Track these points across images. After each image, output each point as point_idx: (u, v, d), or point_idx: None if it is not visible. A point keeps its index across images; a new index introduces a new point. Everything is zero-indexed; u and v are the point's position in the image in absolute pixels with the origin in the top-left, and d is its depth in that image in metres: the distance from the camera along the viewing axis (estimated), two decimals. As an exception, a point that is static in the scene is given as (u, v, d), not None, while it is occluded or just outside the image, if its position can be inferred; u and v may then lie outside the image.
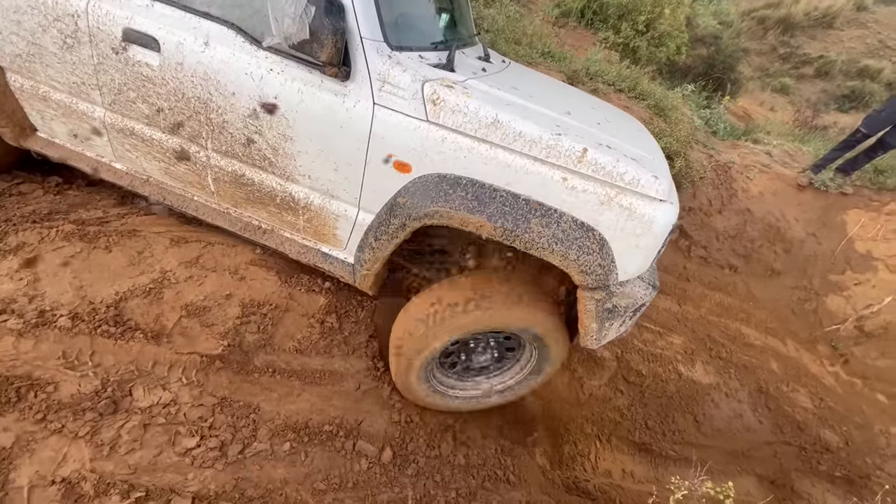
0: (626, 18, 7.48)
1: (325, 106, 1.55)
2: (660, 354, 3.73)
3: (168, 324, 1.69)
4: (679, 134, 4.10)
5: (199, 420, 1.56)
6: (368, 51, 1.50)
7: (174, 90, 1.69)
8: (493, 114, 1.46)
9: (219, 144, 1.76)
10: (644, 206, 1.45)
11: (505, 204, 1.49)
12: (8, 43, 1.86)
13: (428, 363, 1.82)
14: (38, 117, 2.05)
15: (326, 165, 1.67)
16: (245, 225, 1.92)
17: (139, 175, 2.00)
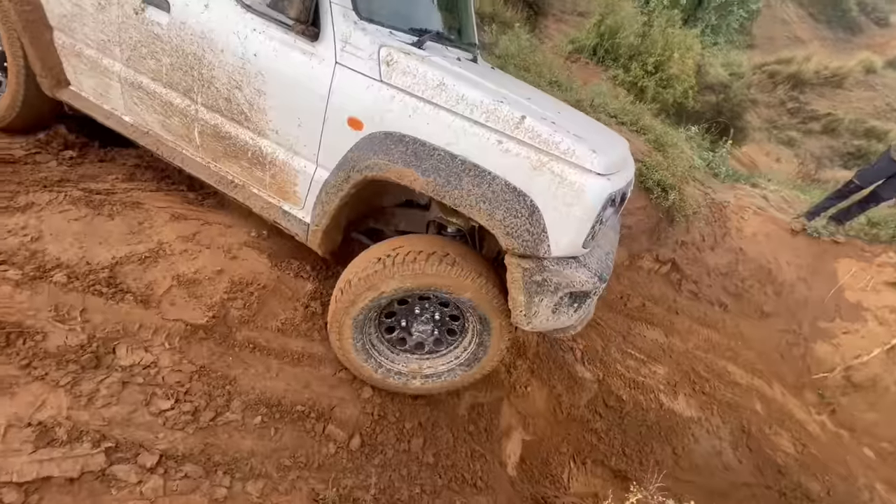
0: (636, 59, 7.76)
1: (294, 63, 1.71)
2: (642, 382, 3.74)
3: (158, 291, 1.76)
4: (675, 168, 4.22)
5: (176, 384, 1.61)
6: (335, 14, 1.65)
7: (176, 47, 1.90)
8: (440, 77, 1.57)
9: (206, 98, 1.94)
10: (576, 175, 1.48)
11: (441, 161, 1.57)
12: (58, 5, 2.15)
13: (369, 311, 1.81)
14: (71, 71, 2.31)
15: (291, 121, 1.80)
16: (221, 178, 2.06)
17: (141, 127, 2.21)
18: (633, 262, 4.56)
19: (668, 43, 7.59)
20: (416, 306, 1.94)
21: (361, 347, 1.92)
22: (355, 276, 1.76)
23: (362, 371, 1.98)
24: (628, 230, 4.39)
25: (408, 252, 1.72)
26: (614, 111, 4.71)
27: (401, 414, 2.12)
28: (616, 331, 3.98)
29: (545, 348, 3.19)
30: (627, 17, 8.30)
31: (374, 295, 1.74)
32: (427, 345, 2.05)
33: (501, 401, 2.78)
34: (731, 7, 9.06)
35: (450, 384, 2.10)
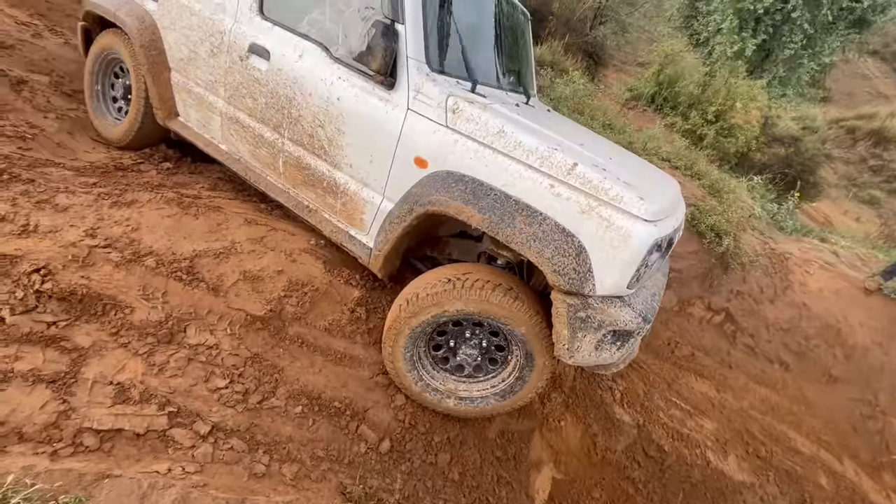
0: (695, 107, 7.71)
1: (371, 107, 1.93)
2: (687, 435, 3.53)
3: (227, 283, 1.98)
4: (731, 215, 4.10)
5: (232, 367, 1.79)
6: (410, 67, 1.86)
7: (272, 90, 2.20)
8: (500, 125, 1.72)
9: (293, 134, 2.21)
10: (623, 220, 1.55)
11: (496, 201, 1.70)
12: (178, 50, 2.58)
13: (426, 325, 1.90)
14: (181, 105, 2.72)
15: (365, 157, 2.01)
16: (298, 203, 2.31)
17: (234, 155, 2.53)
18: (682, 309, 4.39)
19: (730, 93, 7.51)
20: (467, 330, 2.03)
21: (409, 358, 2.01)
22: (423, 291, 1.87)
23: (404, 381, 2.06)
24: (678, 274, 4.26)
25: (476, 279, 1.82)
26: (667, 155, 4.70)
27: (431, 426, 2.17)
28: (661, 377, 3.81)
29: (582, 384, 3.13)
30: (688, 66, 8.34)
31: (438, 311, 1.85)
32: (467, 368, 2.12)
33: (533, 431, 2.74)
34: (801, 60, 8.84)
35: (481, 411, 2.15)
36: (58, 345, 1.57)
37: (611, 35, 13.02)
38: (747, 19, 8.55)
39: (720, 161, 7.85)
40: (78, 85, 3.27)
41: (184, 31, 2.50)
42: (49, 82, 3.12)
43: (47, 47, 3.35)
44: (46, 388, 1.45)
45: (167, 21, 2.58)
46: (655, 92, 8.28)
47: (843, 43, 9.11)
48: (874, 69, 23.13)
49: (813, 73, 9.44)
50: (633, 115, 8.14)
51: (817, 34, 8.48)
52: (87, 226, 1.94)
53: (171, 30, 2.58)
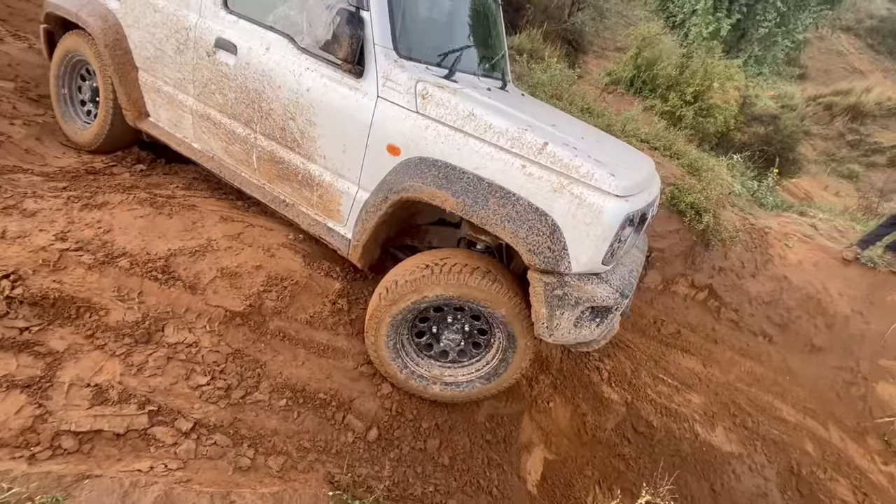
0: (674, 89, 7.77)
1: (341, 97, 1.92)
2: (675, 410, 3.59)
3: (204, 280, 1.97)
4: (710, 192, 4.16)
5: (213, 364, 1.78)
6: (378, 54, 1.85)
7: (241, 84, 2.17)
8: (470, 108, 1.73)
9: (264, 128, 2.18)
10: (594, 197, 1.57)
11: (469, 184, 1.71)
12: (143, 49, 2.53)
13: (408, 312, 1.91)
14: (151, 105, 2.67)
15: (337, 147, 2.00)
16: (274, 198, 2.28)
17: (207, 153, 2.50)
18: (666, 287, 4.45)
19: (707, 73, 7.57)
20: (449, 316, 2.04)
21: (393, 346, 2.02)
22: (402, 279, 1.87)
23: (389, 369, 2.06)
24: (661, 253, 4.32)
25: (454, 263, 1.83)
26: (646, 136, 4.74)
27: (418, 413, 2.19)
28: (647, 355, 3.86)
29: (569, 365, 3.16)
30: (665, 49, 8.39)
31: (417, 298, 1.85)
32: (451, 354, 2.13)
33: (522, 414, 2.77)
34: (776, 38, 8.94)
35: (467, 395, 2.16)
36: (31, 350, 1.55)
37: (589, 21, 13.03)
38: (720, 0, 8.62)
39: (700, 141, 7.92)
40: (44, 90, 3.20)
41: (148, 29, 2.46)
42: (14, 88, 3.05)
43: (10, 52, 3.27)
44: (21, 393, 1.43)
45: (131, 19, 2.53)
46: (634, 75, 8.31)
47: (816, 19, 9.23)
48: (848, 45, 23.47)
49: (788, 50, 9.56)
50: (613, 99, 8.17)
51: (790, 12, 8.58)
52: (56, 229, 1.91)
53: (136, 28, 2.53)
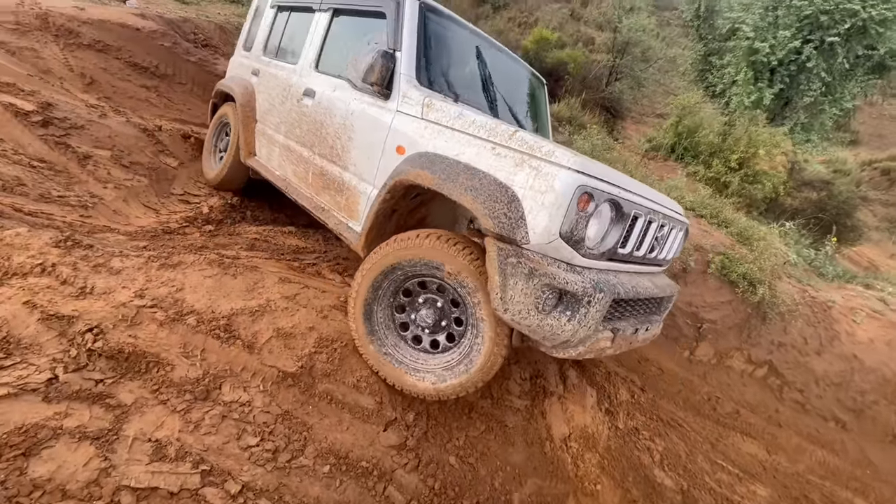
0: (717, 156, 7.75)
1: (372, 115, 2.42)
2: (738, 503, 3.24)
3: (261, 340, 2.06)
4: (763, 262, 4.00)
5: (263, 424, 1.82)
6: (402, 80, 2.33)
7: (312, 118, 2.83)
8: (460, 110, 2.08)
9: (320, 149, 2.76)
10: (550, 168, 1.71)
11: (448, 165, 1.96)
12: (262, 105, 3.45)
13: (380, 284, 2.09)
14: (258, 146, 3.49)
15: (364, 155, 2.44)
16: (317, 206, 2.76)
17: (282, 176, 3.15)
18: (720, 361, 4.18)
19: (752, 140, 7.55)
20: (429, 305, 2.11)
21: (371, 328, 2.14)
22: (374, 256, 2.11)
23: (368, 349, 2.16)
24: (713, 325, 4.11)
25: (418, 235, 2.02)
26: (692, 204, 4.69)
27: (460, 490, 2.10)
28: (703, 437, 3.57)
29: (617, 443, 2.97)
30: (706, 117, 8.49)
31: (383, 266, 2.05)
32: (424, 337, 2.16)
33: (567, 496, 2.59)
34: (822, 106, 8.87)
35: (445, 385, 2.05)
36: (103, 402, 1.65)
37: (627, 90, 13.49)
38: (762, 70, 8.75)
39: (748, 208, 7.74)
40: (136, 157, 3.62)
41: (268, 91, 3.37)
42: (110, 156, 3.47)
43: (111, 126, 3.75)
44: (91, 444, 1.51)
45: (261, 87, 3.50)
46: (675, 142, 8.40)
47: (864, 88, 9.13)
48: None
49: (836, 118, 9.41)
50: (654, 166, 8.22)
51: (835, 81, 8.55)
52: (136, 287, 2.09)
53: (262, 92, 3.47)
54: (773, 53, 8.38)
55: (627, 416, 3.25)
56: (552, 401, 2.80)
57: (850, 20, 7.82)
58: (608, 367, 3.81)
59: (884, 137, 20.72)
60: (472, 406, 2.39)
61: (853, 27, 7.87)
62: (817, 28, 8.08)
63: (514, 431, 2.46)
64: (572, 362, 3.21)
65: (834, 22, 7.88)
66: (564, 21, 18.81)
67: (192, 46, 5.62)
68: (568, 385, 3.00)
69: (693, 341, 4.15)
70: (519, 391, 2.66)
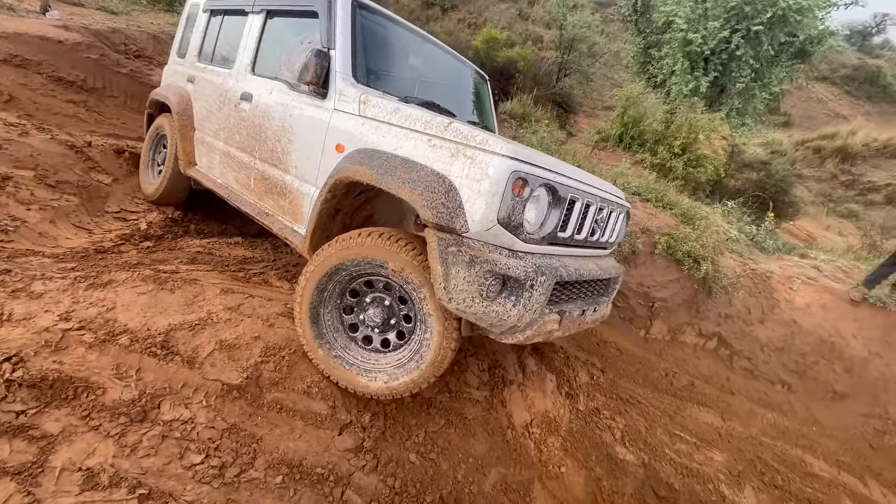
0: (662, 143, 8.08)
1: (310, 115, 2.39)
2: (698, 470, 3.38)
3: (202, 354, 1.97)
4: (705, 240, 4.20)
5: (208, 440, 1.74)
6: (338, 78, 2.31)
7: (251, 122, 2.77)
8: (396, 105, 2.08)
9: (261, 153, 2.71)
10: (484, 156, 1.72)
11: (386, 160, 1.95)
12: (199, 112, 3.34)
13: (325, 284, 2.06)
14: (198, 155, 3.39)
15: (304, 156, 2.40)
16: (261, 211, 2.71)
17: (225, 184, 3.07)
18: (674, 337, 4.36)
19: (692, 127, 7.92)
20: (386, 300, 2.08)
21: (318, 329, 2.10)
22: (320, 255, 2.06)
23: (317, 353, 2.11)
24: (664, 303, 4.28)
25: (359, 234, 2.01)
26: (637, 189, 4.88)
27: (421, 486, 2.09)
28: (661, 410, 3.71)
29: (579, 424, 3.04)
30: (650, 107, 8.85)
31: (327, 267, 2.01)
32: (374, 337, 2.13)
33: (532, 482, 2.62)
34: (753, 91, 9.42)
35: (397, 383, 2.04)
36: (26, 434, 1.53)
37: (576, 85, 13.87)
38: (696, 60, 9.20)
39: (694, 190, 8.12)
40: (62, 176, 3.41)
41: (205, 98, 3.28)
42: (33, 176, 3.25)
43: (33, 144, 3.52)
44: (11, 480, 1.40)
45: (197, 94, 3.40)
46: (622, 132, 8.71)
47: (789, 72, 9.76)
48: (827, 93, 24.63)
49: (766, 101, 10.02)
50: (604, 156, 8.50)
51: (763, 67, 9.10)
52: (61, 310, 1.96)
53: (198, 99, 3.37)
54: (705, 43, 8.84)
55: (588, 398, 3.33)
56: (512, 389, 2.83)
57: (771, 9, 8.35)
58: (568, 352, 3.90)
59: (813, 118, 22.28)
60: (430, 402, 2.39)
61: (774, 16, 8.40)
62: (743, 18, 8.58)
63: (474, 423, 2.48)
64: (531, 350, 3.27)
65: (757, 12, 8.39)
66: (513, 21, 19.16)
67: (123, 58, 5.36)
68: (527, 372, 3.04)
69: (647, 320, 4.31)
70: (478, 382, 2.68)
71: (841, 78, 24.73)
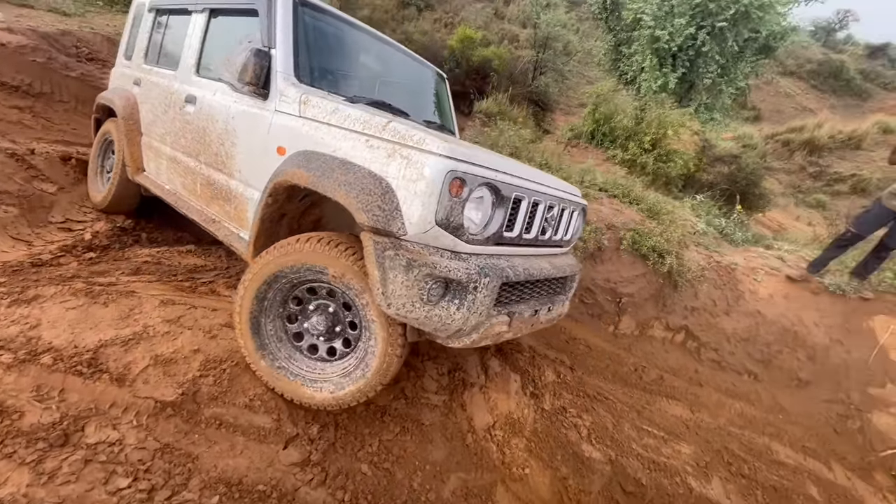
0: (632, 139, 8.16)
1: (252, 116, 2.31)
2: (665, 464, 3.39)
3: (135, 370, 1.87)
4: (670, 234, 4.23)
5: (137, 462, 1.65)
6: (278, 78, 2.23)
7: (195, 126, 2.67)
8: (336, 106, 1.99)
9: (205, 157, 2.62)
10: (420, 156, 1.67)
11: (324, 162, 1.89)
12: (146, 116, 3.20)
13: (263, 294, 1.97)
14: (146, 160, 3.25)
15: (248, 160, 2.33)
16: (207, 217, 2.63)
17: (172, 190, 2.96)
18: (643, 332, 4.39)
19: (661, 122, 8.02)
20: (330, 306, 2.00)
21: (260, 344, 2.01)
22: (258, 263, 1.97)
23: (260, 365, 2.02)
24: (631, 298, 4.30)
25: (298, 239, 1.93)
26: (604, 185, 4.89)
27: (374, 497, 2.03)
28: (629, 406, 3.71)
29: (543, 424, 3.01)
30: (621, 103, 8.93)
31: (265, 275, 1.93)
32: (320, 345, 2.06)
33: (495, 485, 2.58)
34: (720, 87, 9.60)
35: (342, 393, 1.97)
36: (-72, 468, 1.42)
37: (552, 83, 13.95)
38: (665, 57, 9.32)
39: (667, 185, 8.22)
40: (0, 186, 3.24)
41: (151, 101, 3.16)
42: (-32, 187, 3.08)
43: (-31, 154, 3.34)
44: None
45: (144, 97, 3.27)
46: (594, 129, 8.77)
47: (754, 68, 9.97)
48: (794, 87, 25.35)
49: (734, 96, 10.22)
50: (577, 153, 8.54)
51: (729, 63, 9.27)
52: (-22, 329, 1.84)
53: (145, 103, 3.24)
54: (672, 40, 8.96)
55: (554, 397, 3.30)
56: (473, 392, 2.78)
57: (735, 6, 8.50)
58: (537, 350, 3.88)
59: (782, 112, 22.91)
60: (384, 409, 2.32)
61: (737, 12, 8.56)
62: (707, 15, 8.72)
63: (432, 429, 2.42)
64: (494, 351, 3.23)
65: (721, 8, 8.54)
66: (489, 20, 19.18)
67: (74, 61, 5.15)
68: (490, 374, 3.00)
69: (615, 316, 4.32)
70: (436, 387, 2.62)
71: (807, 73, 25.50)
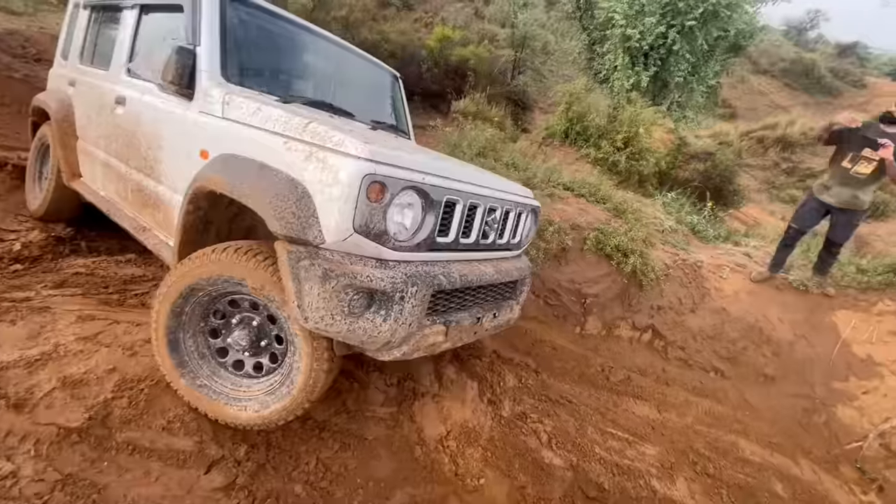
0: (605, 137, 8.17)
1: (177, 118, 2.20)
2: (629, 466, 3.33)
3: (38, 394, 1.73)
4: (635, 233, 4.20)
5: (34, 496, 1.51)
6: (203, 77, 2.11)
7: (125, 129, 2.54)
8: (258, 106, 1.87)
9: (135, 162, 2.48)
10: (336, 159, 1.56)
11: (241, 166, 1.79)
12: (81, 119, 3.04)
13: (180, 309, 1.86)
14: (82, 166, 3.08)
15: (173, 164, 2.22)
16: (138, 226, 2.50)
17: (106, 197, 2.81)
18: (609, 332, 4.34)
19: (633, 121, 8.03)
20: (255, 320, 1.91)
21: (179, 361, 1.88)
22: (173, 275, 1.86)
23: (179, 384, 1.89)
24: (596, 298, 4.25)
25: (213, 250, 1.81)
26: (570, 184, 4.85)
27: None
28: (594, 408, 3.65)
29: (501, 432, 2.93)
30: (594, 102, 8.93)
31: (180, 287, 1.82)
32: (245, 361, 1.94)
33: (447, 498, 2.49)
34: (692, 85, 9.68)
35: (268, 413, 1.85)
36: None
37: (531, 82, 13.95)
38: (637, 55, 9.36)
39: (642, 183, 8.24)
40: (-78, 195, 3.04)
41: (85, 103, 3.01)
42: None
43: None
44: None
45: (78, 99, 3.11)
46: (567, 128, 8.75)
47: (724, 66, 10.09)
48: (767, 85, 25.89)
49: (705, 95, 10.33)
50: (551, 151, 8.51)
51: (699, 61, 9.36)
52: None
53: (79, 105, 3.09)
54: (643, 39, 9.00)
55: (514, 403, 3.23)
56: (424, 402, 2.69)
57: (703, 5, 8.57)
58: (502, 355, 3.81)
59: (756, 110, 23.37)
60: (323, 425, 2.21)
61: (706, 11, 8.64)
62: (677, 14, 8.78)
63: (376, 443, 2.31)
64: (450, 357, 3.14)
65: (690, 7, 8.60)
66: (469, 20, 19.12)
67: (19, 61, 4.91)
68: (444, 382, 2.91)
69: (581, 317, 4.27)
70: (382, 399, 2.52)
71: (780, 71, 26.08)
